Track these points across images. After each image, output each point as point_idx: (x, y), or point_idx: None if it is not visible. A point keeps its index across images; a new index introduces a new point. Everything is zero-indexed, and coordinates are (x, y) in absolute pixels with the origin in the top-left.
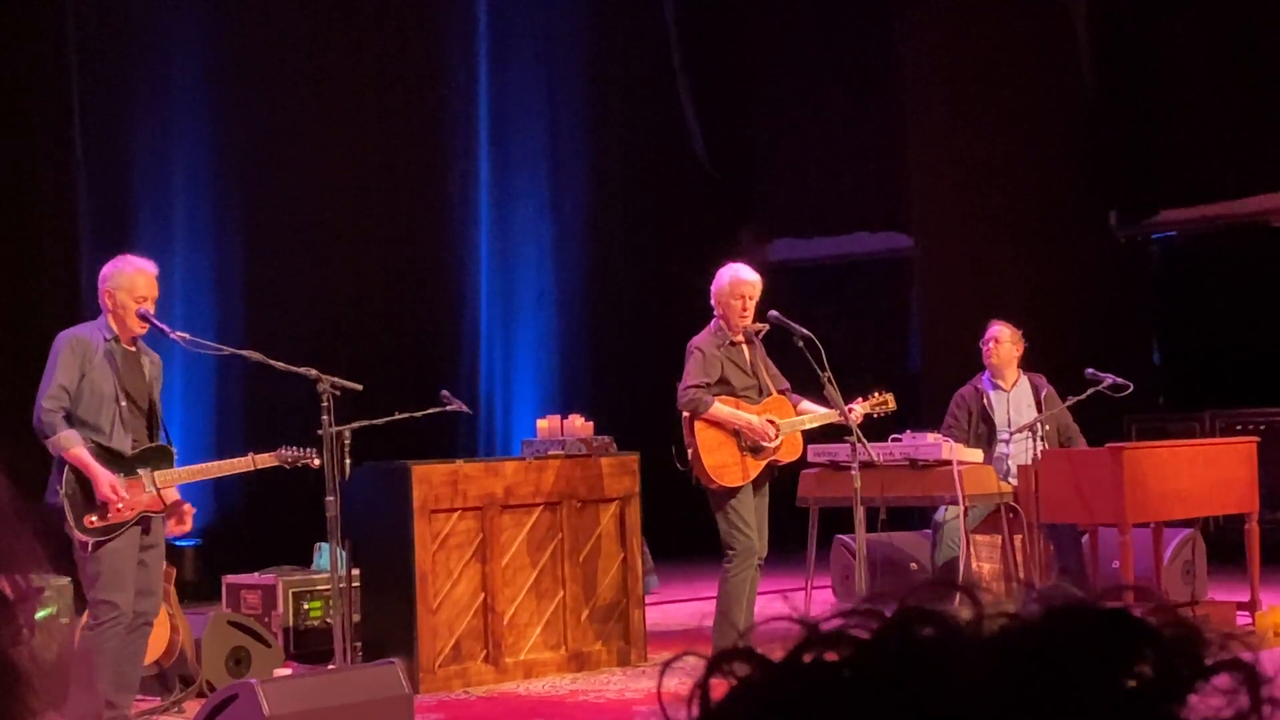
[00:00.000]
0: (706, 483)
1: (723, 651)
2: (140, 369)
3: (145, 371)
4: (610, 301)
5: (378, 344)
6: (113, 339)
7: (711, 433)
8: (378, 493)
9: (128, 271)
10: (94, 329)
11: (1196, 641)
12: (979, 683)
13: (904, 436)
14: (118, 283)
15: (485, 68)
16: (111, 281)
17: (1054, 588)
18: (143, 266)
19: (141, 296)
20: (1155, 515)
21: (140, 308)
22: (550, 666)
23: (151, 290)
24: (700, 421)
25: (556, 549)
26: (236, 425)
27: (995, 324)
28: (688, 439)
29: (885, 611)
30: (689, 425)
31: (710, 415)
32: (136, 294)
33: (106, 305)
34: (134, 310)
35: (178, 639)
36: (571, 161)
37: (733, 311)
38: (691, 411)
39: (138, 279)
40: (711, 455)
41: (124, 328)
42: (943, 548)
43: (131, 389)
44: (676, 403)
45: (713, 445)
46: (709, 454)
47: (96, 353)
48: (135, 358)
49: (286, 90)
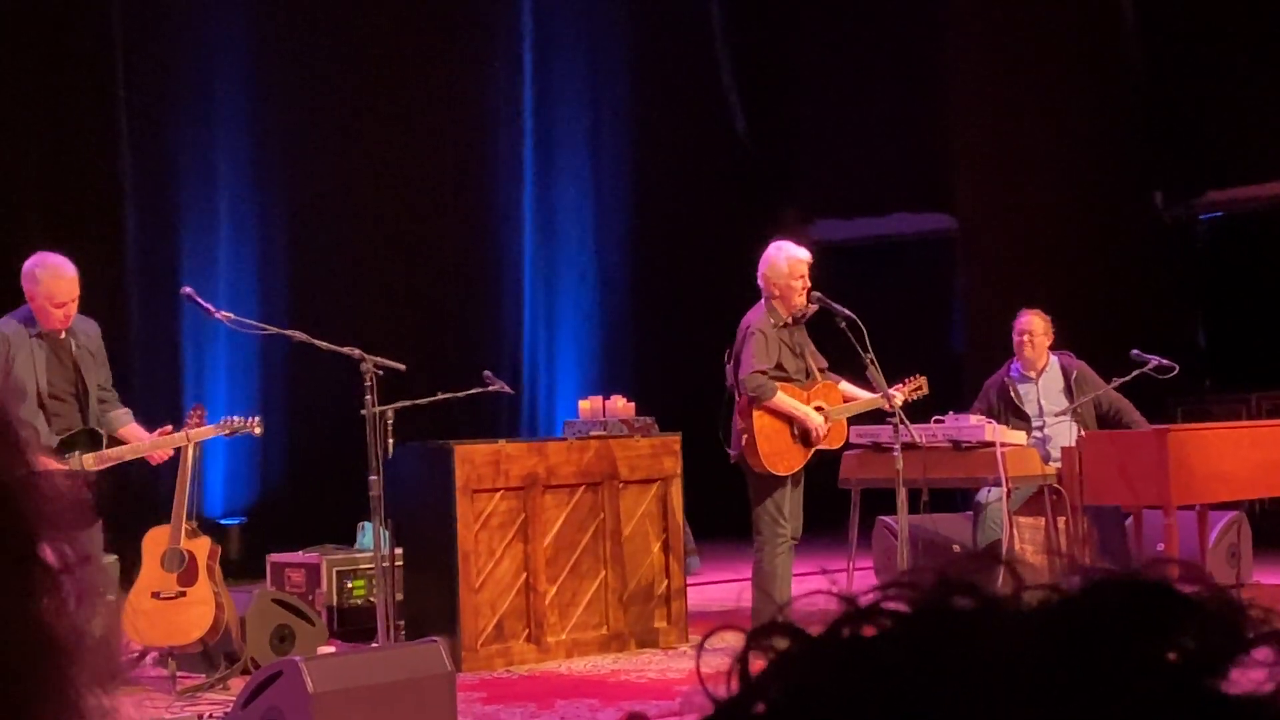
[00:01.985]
0: (756, 467)
1: (761, 626)
2: (68, 354)
3: (73, 354)
4: (652, 283)
5: (421, 324)
6: (37, 335)
7: (769, 420)
8: (420, 472)
9: (44, 276)
10: (18, 322)
11: (1238, 614)
12: (1018, 654)
13: (946, 418)
14: (35, 286)
15: (529, 48)
16: (29, 281)
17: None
18: (60, 271)
19: (60, 302)
20: (1200, 497)
21: (186, 289)
22: (592, 646)
23: (70, 293)
24: (760, 408)
25: (598, 529)
26: (280, 405)
27: (1025, 314)
28: (742, 422)
29: (923, 585)
30: (746, 409)
31: (773, 404)
32: (55, 300)
33: (29, 298)
34: (57, 314)
35: (222, 616)
36: (613, 141)
37: (793, 292)
38: (756, 397)
39: (55, 286)
40: (767, 442)
41: (47, 321)
42: (985, 529)
43: (57, 378)
44: (733, 385)
45: (769, 432)
46: (765, 440)
47: (20, 347)
48: (63, 343)
49: (331, 74)
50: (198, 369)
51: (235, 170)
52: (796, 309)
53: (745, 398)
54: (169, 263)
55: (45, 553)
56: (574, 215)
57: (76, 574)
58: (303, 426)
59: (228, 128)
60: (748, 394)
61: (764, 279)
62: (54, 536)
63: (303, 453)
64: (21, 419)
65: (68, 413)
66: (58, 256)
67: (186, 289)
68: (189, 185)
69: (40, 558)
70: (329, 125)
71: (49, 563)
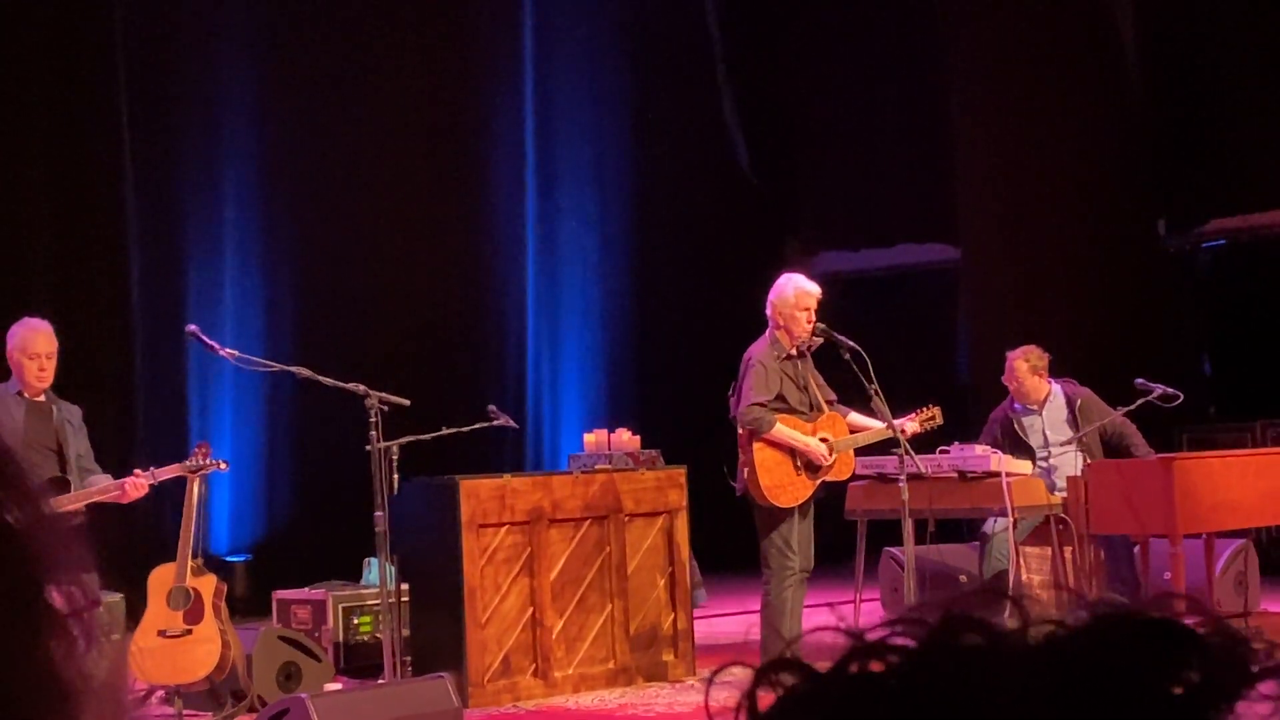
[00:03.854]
0: (759, 500)
1: (769, 662)
2: (49, 417)
3: (53, 419)
4: (656, 315)
5: (425, 359)
6: (17, 393)
7: (769, 452)
8: (426, 508)
9: (21, 332)
10: (3, 387)
11: (1243, 649)
12: (1024, 690)
13: (952, 448)
14: (11, 341)
15: (530, 84)
16: (8, 340)
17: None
18: (36, 326)
19: (34, 353)
20: (1207, 526)
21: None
22: (599, 681)
23: (44, 346)
24: (760, 441)
25: (604, 563)
26: (286, 442)
27: (1010, 358)
28: (744, 456)
29: (930, 621)
30: (746, 442)
31: (771, 436)
32: (28, 351)
33: (8, 359)
34: (31, 367)
35: (229, 654)
36: (616, 175)
37: (797, 324)
38: (753, 430)
39: (29, 337)
40: (769, 475)
41: (25, 383)
42: (991, 560)
43: (36, 434)
44: (735, 418)
45: (770, 465)
46: (766, 474)
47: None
48: (43, 407)
49: (334, 112)
50: (203, 406)
51: (240, 209)
52: (800, 340)
53: (745, 431)
54: (175, 301)
55: (53, 596)
56: (577, 249)
57: (84, 618)
58: (308, 462)
59: (233, 166)
60: (745, 426)
61: (771, 307)
62: (61, 580)
63: (308, 489)
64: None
65: (45, 465)
66: (36, 318)
67: (192, 327)
68: (194, 223)
69: (47, 601)
70: (334, 163)
71: (56, 606)
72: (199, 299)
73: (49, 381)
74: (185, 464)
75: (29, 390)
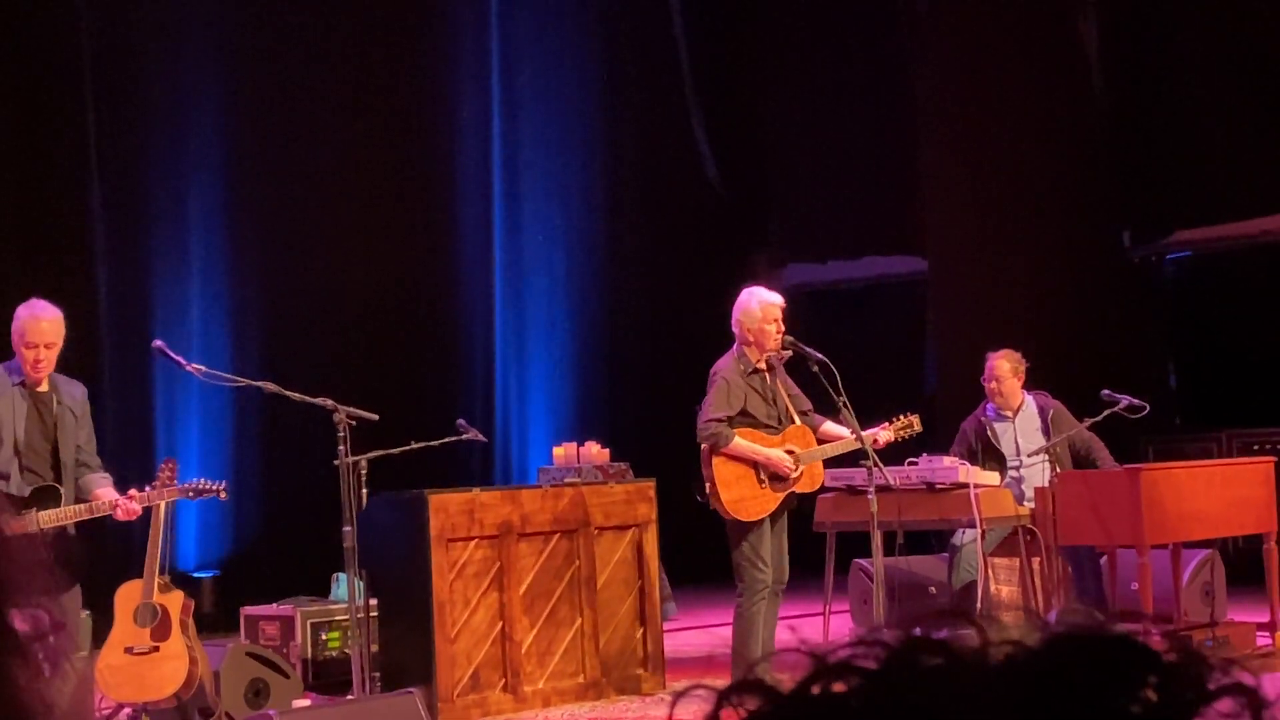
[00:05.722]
0: (723, 515)
1: (732, 684)
2: (49, 410)
3: (53, 411)
4: (625, 328)
5: (393, 374)
6: (20, 381)
7: (730, 467)
8: (395, 522)
9: (23, 316)
10: (4, 370)
11: (1200, 666)
12: (983, 711)
13: (920, 460)
14: (15, 326)
15: (498, 97)
16: (13, 324)
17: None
18: (39, 314)
19: (31, 343)
20: (1174, 536)
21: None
22: (568, 695)
23: (41, 336)
24: (719, 456)
25: (574, 577)
26: (253, 456)
27: (991, 358)
28: (705, 472)
29: (892, 641)
30: (707, 458)
31: (730, 450)
32: (26, 340)
33: (12, 343)
34: (29, 356)
35: (196, 671)
36: (584, 188)
37: (767, 336)
38: (711, 446)
39: (29, 325)
40: (729, 490)
41: (22, 366)
42: (960, 571)
43: (35, 432)
44: (696, 434)
45: (730, 480)
46: (727, 489)
47: (2, 395)
48: (44, 398)
49: (300, 124)
50: (169, 422)
51: (207, 222)
52: (770, 353)
53: (705, 446)
54: (141, 315)
55: (14, 619)
56: (545, 262)
57: (48, 641)
58: (276, 478)
59: (200, 179)
60: (702, 441)
61: (737, 324)
62: (24, 603)
63: (276, 504)
64: None
65: (41, 467)
66: (44, 302)
67: (158, 342)
68: (160, 237)
69: (9, 625)
70: (301, 177)
71: (17, 630)
72: (165, 314)
73: (45, 373)
74: (184, 487)
75: (28, 380)
